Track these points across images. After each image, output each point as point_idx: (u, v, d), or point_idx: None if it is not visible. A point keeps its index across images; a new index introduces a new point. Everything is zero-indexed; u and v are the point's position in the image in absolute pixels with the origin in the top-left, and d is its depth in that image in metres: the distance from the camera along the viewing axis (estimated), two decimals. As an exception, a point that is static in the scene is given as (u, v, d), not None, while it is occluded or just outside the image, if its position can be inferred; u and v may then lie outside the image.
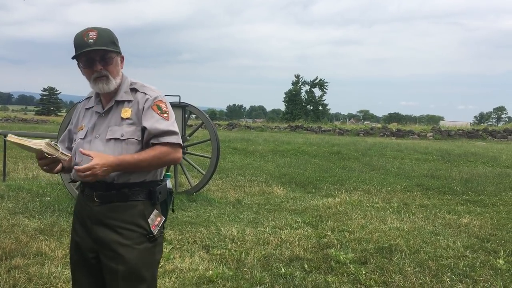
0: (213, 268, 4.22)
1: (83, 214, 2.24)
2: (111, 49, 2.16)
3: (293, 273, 4.18)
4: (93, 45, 2.11)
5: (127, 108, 2.20)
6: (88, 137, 2.22)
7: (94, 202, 2.18)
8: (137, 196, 2.17)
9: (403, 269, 4.33)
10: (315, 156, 14.49)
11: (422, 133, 27.44)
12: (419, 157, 14.70)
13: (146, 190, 2.20)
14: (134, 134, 2.16)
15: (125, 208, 2.16)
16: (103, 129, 2.19)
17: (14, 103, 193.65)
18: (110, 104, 2.23)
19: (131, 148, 2.14)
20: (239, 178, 9.73)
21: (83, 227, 2.24)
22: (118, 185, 2.15)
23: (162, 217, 2.26)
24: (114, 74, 2.19)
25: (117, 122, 2.18)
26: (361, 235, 5.43)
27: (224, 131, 28.35)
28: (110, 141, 2.15)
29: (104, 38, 2.14)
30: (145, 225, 2.18)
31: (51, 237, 4.94)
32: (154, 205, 2.23)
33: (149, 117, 2.16)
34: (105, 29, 2.19)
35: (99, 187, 2.15)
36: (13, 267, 4.04)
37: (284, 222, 5.98)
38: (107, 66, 2.17)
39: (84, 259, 2.25)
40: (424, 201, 7.77)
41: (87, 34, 2.13)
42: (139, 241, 2.16)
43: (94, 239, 2.18)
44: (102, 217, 2.16)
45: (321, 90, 70.78)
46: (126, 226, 2.14)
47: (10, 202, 6.51)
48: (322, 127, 30.69)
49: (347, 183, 9.44)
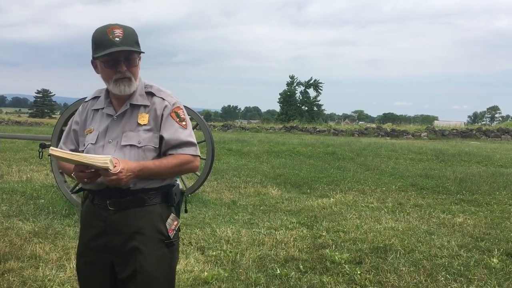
0: (208, 270, 4.22)
1: (97, 224, 2.10)
2: (137, 50, 2.05)
3: (289, 274, 4.18)
4: (120, 44, 1.98)
5: (144, 113, 2.09)
6: (100, 141, 2.09)
7: (108, 211, 2.06)
8: (153, 200, 2.09)
9: (398, 269, 4.34)
10: (310, 157, 14.51)
11: (416, 133, 27.58)
12: (414, 157, 14.75)
13: (162, 192, 2.11)
14: (151, 141, 2.07)
15: (143, 214, 2.06)
16: (117, 134, 2.08)
17: (7, 105, 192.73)
18: (124, 108, 2.11)
19: (148, 155, 2.06)
20: (234, 179, 9.72)
21: (97, 238, 2.09)
22: (134, 191, 2.05)
23: (178, 221, 2.17)
24: (136, 76, 2.10)
25: (133, 127, 2.08)
26: (356, 235, 5.44)
27: (219, 132, 28.35)
28: (125, 147, 2.04)
29: (130, 38, 2.03)
30: (164, 229, 2.09)
31: (45, 240, 4.92)
32: (170, 208, 2.15)
33: (168, 126, 2.08)
34: (129, 27, 2.07)
35: (113, 194, 2.04)
36: (7, 270, 4.02)
37: (279, 223, 5.99)
38: (131, 67, 2.06)
39: (97, 273, 2.12)
40: (418, 201, 7.79)
41: (112, 32, 1.99)
42: (157, 247, 2.07)
43: (108, 249, 2.07)
44: (119, 225, 2.05)
45: (316, 90, 70.96)
46: (145, 232, 2.05)
47: (4, 205, 6.49)
48: (317, 128, 30.77)
49: (342, 183, 9.45)
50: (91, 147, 2.11)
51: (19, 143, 15.66)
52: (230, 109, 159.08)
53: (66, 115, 6.69)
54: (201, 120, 7.66)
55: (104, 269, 2.10)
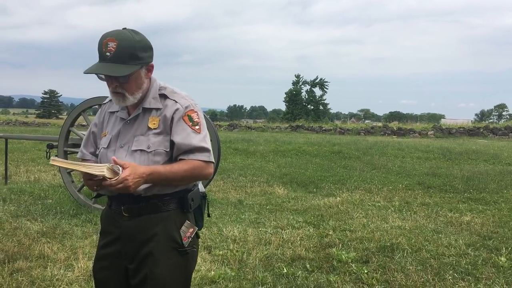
0: (215, 269, 4.23)
1: (112, 230, 2.10)
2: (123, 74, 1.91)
3: (295, 273, 4.18)
4: (109, 59, 1.90)
5: (155, 116, 2.03)
6: (112, 146, 2.07)
7: (123, 217, 2.05)
8: (168, 206, 2.03)
9: (405, 268, 4.33)
10: (316, 156, 14.49)
11: (423, 131, 27.46)
12: (420, 156, 14.69)
13: (177, 198, 2.05)
14: (161, 145, 2.00)
15: (156, 221, 2.02)
16: (128, 138, 2.04)
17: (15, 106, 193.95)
18: (137, 112, 2.06)
19: (158, 159, 1.99)
20: (240, 178, 9.73)
21: (112, 244, 2.09)
22: (147, 197, 2.01)
23: (194, 228, 2.09)
24: (133, 90, 1.99)
25: (143, 131, 2.02)
26: (362, 234, 5.43)
27: (224, 131, 28.38)
28: (136, 152, 2.00)
29: (122, 53, 1.90)
30: (178, 237, 2.03)
31: (53, 240, 4.95)
32: (186, 214, 2.08)
33: (179, 130, 1.99)
34: (128, 38, 1.93)
35: (127, 201, 2.01)
36: (16, 270, 4.05)
37: (285, 222, 5.99)
38: (125, 84, 1.97)
39: (111, 277, 2.11)
40: (425, 200, 7.76)
41: (106, 45, 1.90)
42: (170, 255, 2.02)
43: (124, 254, 2.05)
44: (133, 231, 2.03)
45: (322, 89, 70.84)
46: (158, 239, 2.00)
47: (12, 205, 6.52)
48: (323, 127, 30.72)
49: (348, 182, 9.43)
50: (103, 151, 2.10)
51: (26, 143, 15.76)
52: (236, 108, 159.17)
53: (73, 116, 6.72)
54: (207, 119, 7.68)
55: (118, 274, 2.08)
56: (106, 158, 2.06)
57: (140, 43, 1.96)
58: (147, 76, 2.05)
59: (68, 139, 6.75)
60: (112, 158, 1.91)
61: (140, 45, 1.96)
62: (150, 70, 2.06)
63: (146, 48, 1.99)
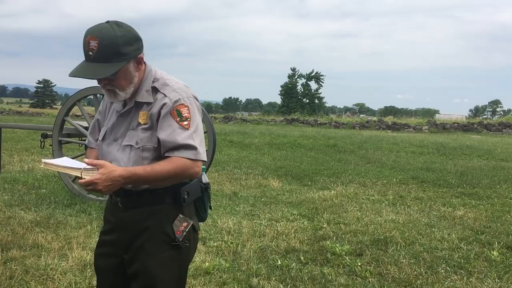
0: (209, 260, 4.24)
1: (110, 219, 2.13)
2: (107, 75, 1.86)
3: (289, 265, 4.20)
4: (92, 59, 1.85)
5: (145, 111, 1.97)
6: (107, 138, 2.05)
7: (119, 208, 2.05)
8: (161, 200, 2.00)
9: (398, 261, 4.36)
10: (311, 149, 14.52)
11: (417, 126, 27.56)
12: (415, 150, 14.76)
13: (171, 192, 2.00)
14: (150, 141, 1.95)
15: (149, 214, 2.00)
16: (122, 132, 2.01)
17: (8, 95, 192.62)
18: (129, 105, 2.01)
19: (147, 155, 1.95)
20: (235, 171, 9.74)
21: (109, 231, 2.12)
22: (139, 191, 1.99)
23: (188, 222, 2.03)
24: (123, 86, 1.94)
25: (134, 126, 1.98)
26: (356, 227, 5.46)
27: (220, 124, 28.33)
28: (127, 147, 1.97)
29: (105, 51, 1.83)
30: (170, 231, 1.99)
31: (47, 229, 4.94)
32: (179, 208, 2.03)
33: (166, 126, 1.92)
34: (110, 36, 1.84)
35: (121, 193, 2.00)
36: (9, 259, 4.04)
37: (280, 215, 6.00)
38: (113, 81, 1.91)
39: (109, 265, 2.12)
40: (419, 194, 7.80)
41: (88, 43, 1.84)
42: (162, 249, 1.99)
43: (119, 244, 2.06)
44: (127, 223, 2.03)
45: (317, 83, 70.76)
46: (150, 232, 2.00)
47: (6, 194, 6.50)
48: (318, 120, 30.74)
49: (343, 176, 9.46)
50: (99, 143, 2.10)
51: (20, 133, 15.68)
52: (231, 101, 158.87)
53: (67, 105, 6.69)
54: (203, 111, 7.66)
55: (115, 263, 2.09)
56: (101, 150, 2.07)
57: (123, 38, 1.86)
58: (137, 69, 1.97)
59: (63, 129, 6.72)
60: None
61: (123, 40, 1.86)
62: (140, 62, 1.98)
63: (131, 42, 1.90)
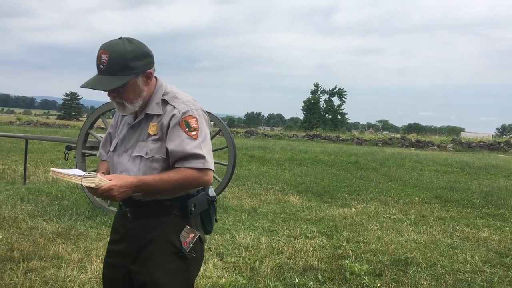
0: (226, 276, 4.22)
1: (119, 230, 2.17)
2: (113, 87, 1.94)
3: (307, 283, 4.15)
4: (102, 72, 1.95)
5: (155, 123, 2.04)
6: (118, 150, 2.12)
7: (127, 218, 2.11)
8: (168, 212, 2.05)
9: (418, 283, 4.26)
10: (332, 166, 14.41)
11: (442, 144, 27.14)
12: (438, 169, 14.51)
13: (179, 204, 2.06)
14: (159, 152, 2.01)
15: (156, 225, 2.05)
16: (132, 144, 2.08)
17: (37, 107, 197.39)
18: (140, 117, 2.08)
19: (156, 166, 2.01)
20: (255, 186, 9.73)
21: (118, 241, 2.16)
22: (147, 202, 2.05)
23: (195, 233, 2.08)
24: (131, 99, 2.02)
25: (145, 137, 2.05)
26: (376, 246, 5.37)
27: (241, 138, 28.43)
28: (137, 158, 2.04)
29: (114, 64, 1.93)
30: (177, 242, 2.04)
31: (68, 241, 5.00)
32: (186, 220, 2.08)
33: (174, 136, 1.98)
34: (120, 50, 1.94)
35: (131, 204, 2.07)
36: (30, 270, 4.10)
37: (299, 231, 5.95)
38: (121, 94, 2.00)
39: (116, 275, 2.15)
40: (442, 214, 7.65)
41: (100, 57, 1.95)
42: (169, 260, 2.03)
43: (126, 255, 2.10)
44: (135, 233, 2.08)
45: (340, 99, 70.61)
46: (157, 243, 2.04)
47: (30, 205, 6.62)
48: (340, 137, 30.59)
49: (364, 193, 9.36)
50: (110, 154, 2.16)
51: (46, 144, 16.02)
52: (253, 115, 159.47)
53: (92, 118, 6.81)
54: (224, 126, 7.70)
55: (123, 273, 2.12)
56: (112, 161, 2.14)
57: (132, 53, 1.96)
58: (146, 83, 2.05)
59: (87, 141, 6.84)
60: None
61: (132, 55, 1.96)
62: (149, 77, 2.05)
63: (141, 57, 1.99)
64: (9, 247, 4.64)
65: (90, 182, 1.90)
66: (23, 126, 32.68)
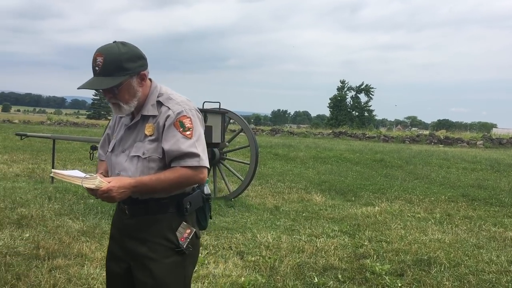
0: (246, 275, 4.24)
1: (117, 226, 2.26)
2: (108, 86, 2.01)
3: (327, 283, 4.13)
4: (98, 74, 2.02)
5: (151, 123, 2.11)
6: (116, 150, 2.19)
7: (125, 215, 2.18)
8: (165, 209, 2.12)
9: (441, 283, 4.19)
10: (357, 164, 14.27)
11: (471, 141, 26.50)
12: (467, 166, 14.19)
13: (175, 202, 2.13)
14: (155, 152, 2.08)
15: (153, 222, 2.12)
16: (129, 144, 2.15)
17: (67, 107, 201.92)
18: (136, 118, 2.16)
19: (153, 165, 2.08)
20: (279, 184, 9.72)
21: (117, 238, 2.25)
22: (144, 200, 2.12)
23: (191, 229, 2.16)
24: (127, 99, 2.08)
25: (141, 138, 2.12)
26: (399, 246, 5.30)
27: (266, 136, 28.43)
28: (134, 158, 2.10)
29: (108, 66, 2.00)
30: (173, 238, 2.12)
31: (92, 239, 5.11)
32: (182, 217, 2.15)
33: (170, 136, 2.05)
34: (114, 52, 2.02)
35: (128, 201, 2.13)
36: (54, 267, 4.21)
37: (320, 230, 5.93)
38: (116, 94, 2.07)
39: (118, 270, 2.23)
40: (469, 212, 7.49)
41: (95, 60, 2.02)
42: (167, 255, 2.11)
43: (125, 251, 2.18)
44: (132, 230, 2.16)
45: (367, 96, 69.89)
46: (154, 239, 2.11)
47: (57, 203, 6.78)
48: (366, 134, 30.23)
49: (388, 191, 9.24)
50: (108, 154, 2.24)
51: (74, 144, 16.35)
52: (279, 113, 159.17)
53: (115, 119, 6.93)
54: (246, 125, 7.73)
55: (123, 267, 2.20)
56: (110, 161, 2.21)
57: (126, 54, 2.04)
58: (140, 84, 2.11)
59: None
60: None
61: (126, 57, 2.03)
62: (144, 79, 2.12)
63: (134, 59, 2.06)
64: (35, 245, 4.77)
65: (90, 184, 1.99)
66: (54, 126, 33.44)
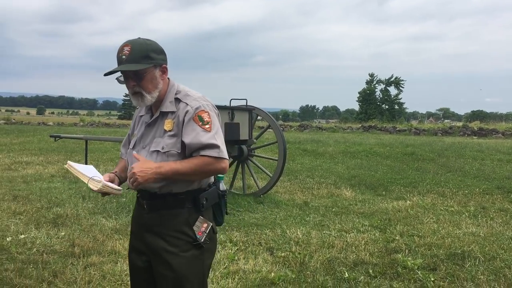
0: (276, 271, 4.25)
1: (137, 220, 2.32)
2: (136, 69, 2.10)
3: (357, 278, 4.10)
4: (125, 61, 2.11)
5: (170, 119, 2.19)
6: (137, 147, 2.27)
7: (144, 210, 2.25)
8: (182, 204, 2.19)
9: (475, 277, 4.10)
10: (388, 157, 14.06)
11: (507, 131, 25.71)
12: (502, 158, 13.79)
13: (191, 197, 2.20)
14: (174, 146, 2.15)
15: (170, 217, 2.18)
16: (149, 140, 2.22)
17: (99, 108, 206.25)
18: (156, 115, 2.24)
19: (172, 159, 2.14)
20: (308, 180, 9.69)
21: (137, 232, 2.31)
22: (162, 195, 2.18)
23: (208, 223, 2.23)
24: (150, 89, 2.16)
25: (161, 134, 2.19)
26: (432, 240, 5.21)
27: (295, 132, 28.32)
28: (154, 152, 2.18)
29: (136, 54, 2.10)
30: (190, 232, 2.18)
31: (125, 237, 5.21)
32: (199, 212, 2.21)
33: (189, 130, 2.13)
34: (141, 42, 2.15)
35: (147, 196, 2.21)
36: (89, 265, 4.33)
37: (351, 225, 5.88)
38: (141, 81, 2.14)
39: (139, 263, 2.29)
40: (504, 205, 7.30)
41: (122, 50, 2.12)
42: (185, 249, 2.17)
43: (145, 245, 2.24)
44: (151, 224, 2.22)
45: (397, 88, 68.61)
46: (172, 234, 2.17)
47: (91, 202, 6.96)
48: (396, 127, 29.72)
49: (420, 185, 9.09)
50: (130, 151, 2.32)
51: (107, 144, 16.70)
52: (308, 108, 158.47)
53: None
54: (273, 121, 7.72)
55: (145, 260, 2.27)
56: (131, 157, 2.27)
57: (152, 46, 2.17)
58: (162, 77, 2.21)
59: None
60: (133, 153, 2.20)
61: (152, 48, 2.16)
62: (165, 72, 2.22)
63: (158, 51, 2.18)
64: (70, 243, 4.91)
65: (94, 186, 2.10)
66: (86, 127, 34.18)
